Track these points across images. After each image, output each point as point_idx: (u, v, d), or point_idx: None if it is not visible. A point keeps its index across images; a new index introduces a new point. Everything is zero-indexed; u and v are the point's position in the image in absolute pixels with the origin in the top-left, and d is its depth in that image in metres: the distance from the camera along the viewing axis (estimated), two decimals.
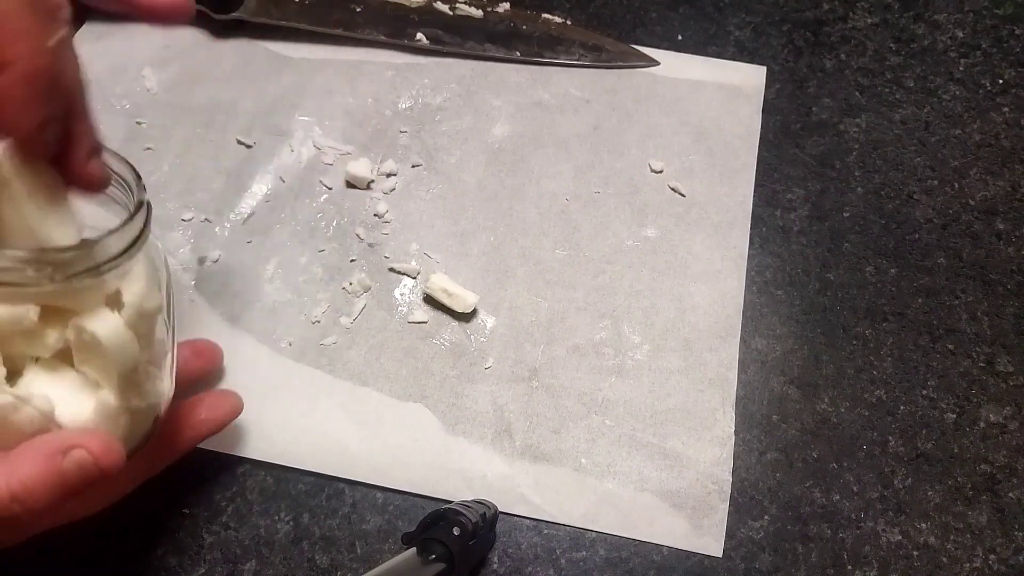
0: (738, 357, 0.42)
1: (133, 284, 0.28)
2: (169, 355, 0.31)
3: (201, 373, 0.39)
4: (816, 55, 0.53)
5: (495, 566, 0.37)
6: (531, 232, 0.46)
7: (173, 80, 0.51)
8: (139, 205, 0.27)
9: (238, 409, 0.38)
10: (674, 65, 0.52)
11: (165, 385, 0.30)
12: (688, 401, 0.41)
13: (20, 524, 0.27)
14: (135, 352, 0.27)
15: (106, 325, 0.26)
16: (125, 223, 0.26)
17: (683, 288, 0.44)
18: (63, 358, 0.27)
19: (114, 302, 0.27)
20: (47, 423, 0.26)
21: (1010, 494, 0.39)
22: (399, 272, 0.44)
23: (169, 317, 0.30)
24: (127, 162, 0.29)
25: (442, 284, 0.42)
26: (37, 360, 0.27)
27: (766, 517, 0.39)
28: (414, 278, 0.44)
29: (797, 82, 0.52)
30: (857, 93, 0.51)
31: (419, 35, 0.52)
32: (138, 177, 0.29)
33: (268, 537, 0.38)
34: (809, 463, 0.40)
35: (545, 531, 0.38)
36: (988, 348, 0.43)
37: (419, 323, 0.43)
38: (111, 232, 0.26)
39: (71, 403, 0.27)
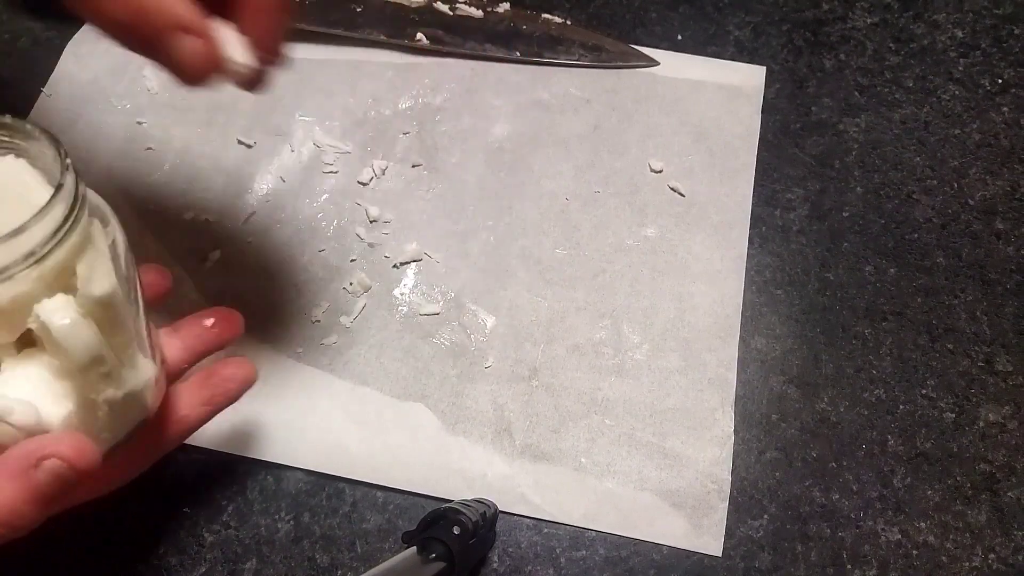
0: (737, 356, 0.42)
1: (80, 268, 0.25)
2: (143, 334, 0.29)
3: (219, 341, 0.36)
4: (816, 55, 0.53)
5: (495, 565, 0.38)
6: (531, 232, 0.46)
7: (174, 80, 0.51)
8: (58, 187, 0.24)
9: (251, 377, 0.35)
10: (674, 65, 0.52)
11: (145, 368, 0.29)
12: (688, 400, 0.41)
13: (23, 531, 0.26)
14: (94, 342, 0.25)
15: (57, 316, 0.24)
16: (41, 211, 0.23)
17: (683, 288, 0.44)
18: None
19: (67, 286, 0.25)
20: (27, 434, 0.25)
21: (1009, 493, 0.39)
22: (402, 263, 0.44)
23: (132, 293, 0.28)
24: (49, 134, 0.25)
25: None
26: (19, 349, 0.26)
27: (765, 516, 0.39)
28: (419, 260, 0.45)
29: (797, 82, 0.52)
30: (856, 93, 0.51)
31: (419, 35, 0.52)
32: (60, 151, 0.25)
33: (269, 536, 0.38)
34: (808, 462, 0.40)
35: (545, 530, 0.38)
36: (987, 347, 0.43)
37: (431, 315, 0.43)
38: (21, 227, 0.23)
39: (48, 397, 0.26)
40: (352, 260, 0.45)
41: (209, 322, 0.35)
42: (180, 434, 0.33)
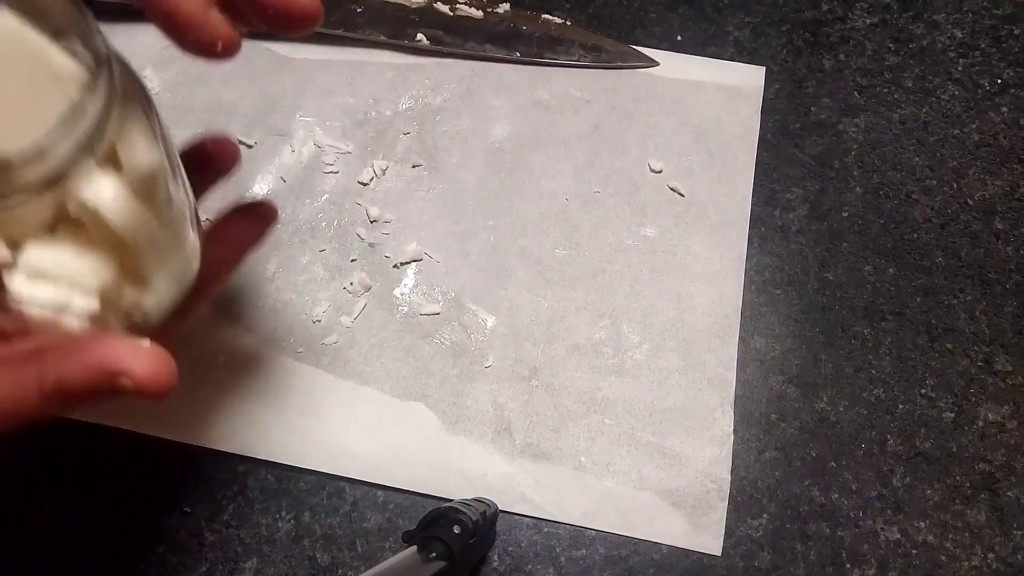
0: (737, 356, 0.42)
1: (121, 144, 0.23)
2: (188, 207, 0.27)
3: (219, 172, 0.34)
4: (815, 55, 0.53)
5: (495, 564, 0.38)
6: (531, 231, 0.46)
7: (175, 80, 0.51)
8: (98, 63, 0.21)
9: (271, 216, 0.34)
10: (673, 65, 0.52)
11: (192, 240, 0.27)
12: (687, 400, 0.41)
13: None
14: (142, 218, 0.24)
15: (104, 193, 0.22)
16: (75, 106, 0.20)
17: (682, 288, 0.44)
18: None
19: (111, 162, 0.23)
20: (58, 321, 0.24)
21: (1008, 493, 0.39)
22: (402, 263, 0.45)
23: (175, 167, 0.26)
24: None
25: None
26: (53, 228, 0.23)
27: (765, 515, 0.39)
28: (419, 261, 0.45)
29: (796, 82, 0.52)
30: (856, 93, 0.51)
31: (419, 35, 0.52)
32: (81, 10, 0.21)
33: (269, 535, 0.38)
34: (808, 462, 0.40)
35: (545, 529, 0.38)
36: (986, 347, 0.43)
37: (431, 315, 0.43)
38: (56, 126, 0.20)
39: (88, 273, 0.24)
40: (352, 260, 0.45)
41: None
42: (215, 282, 0.32)
